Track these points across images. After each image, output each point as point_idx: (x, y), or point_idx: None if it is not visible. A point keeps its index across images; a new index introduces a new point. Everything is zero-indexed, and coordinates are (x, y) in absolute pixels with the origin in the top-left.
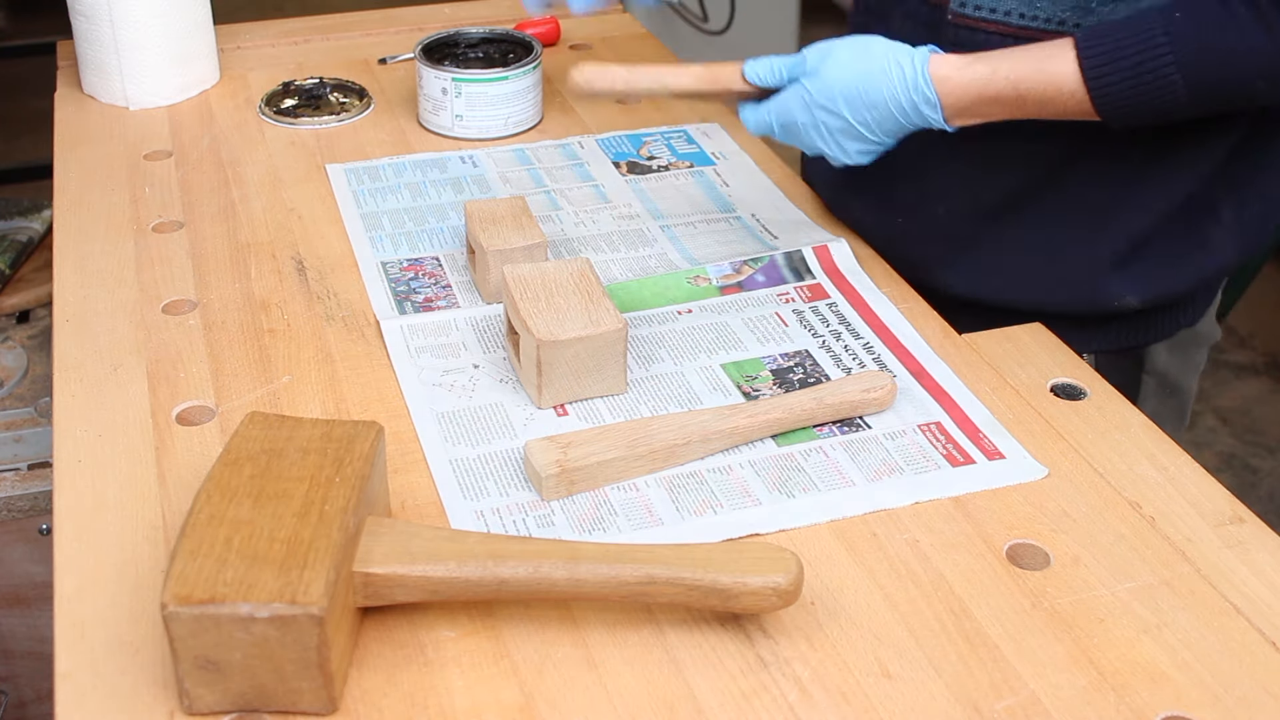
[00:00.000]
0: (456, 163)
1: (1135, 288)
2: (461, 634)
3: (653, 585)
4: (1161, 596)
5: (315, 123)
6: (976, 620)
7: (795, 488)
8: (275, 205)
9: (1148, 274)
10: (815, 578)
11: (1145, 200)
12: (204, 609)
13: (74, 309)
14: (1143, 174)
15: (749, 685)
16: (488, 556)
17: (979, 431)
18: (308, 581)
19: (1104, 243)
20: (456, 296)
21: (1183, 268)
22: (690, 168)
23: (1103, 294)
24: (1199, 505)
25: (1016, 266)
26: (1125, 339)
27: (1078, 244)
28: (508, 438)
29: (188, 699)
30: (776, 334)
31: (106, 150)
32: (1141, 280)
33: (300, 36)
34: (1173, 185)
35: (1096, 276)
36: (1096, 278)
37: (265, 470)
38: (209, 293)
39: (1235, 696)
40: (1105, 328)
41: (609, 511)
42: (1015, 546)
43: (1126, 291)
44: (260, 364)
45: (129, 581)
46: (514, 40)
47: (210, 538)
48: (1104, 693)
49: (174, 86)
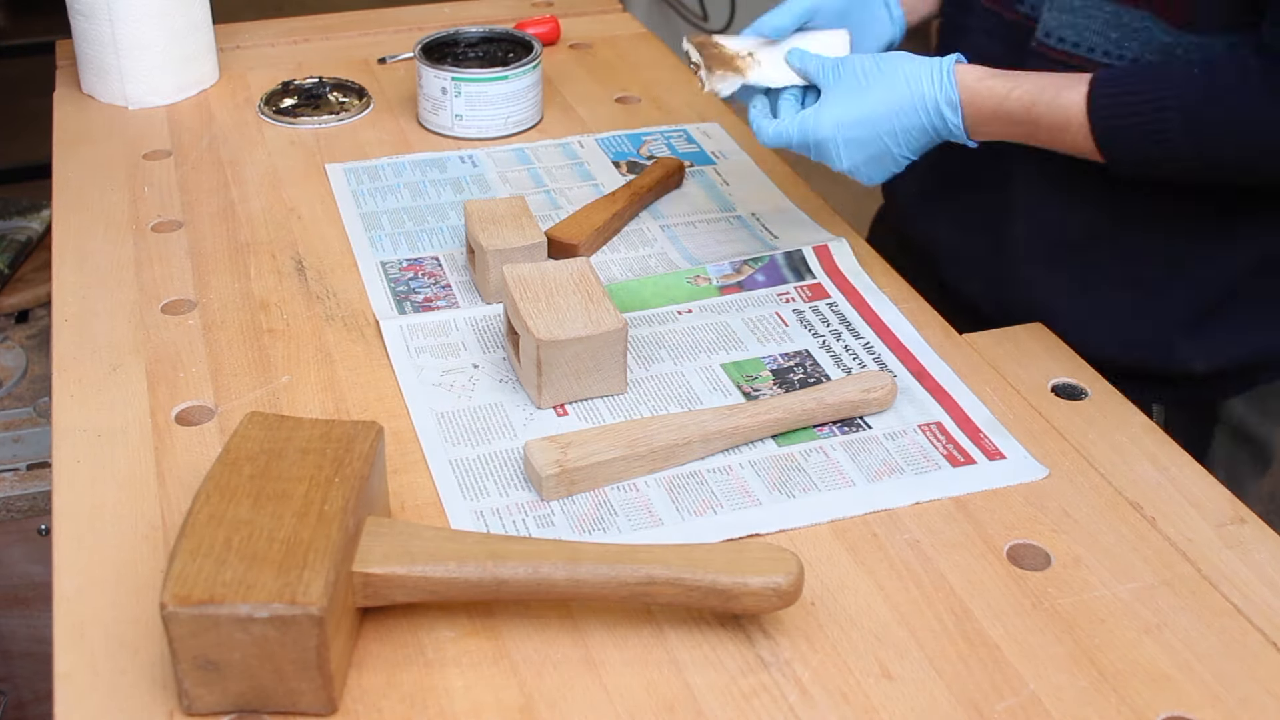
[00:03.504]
0: (456, 162)
1: (1203, 353)
2: (461, 634)
3: (653, 586)
4: (1162, 597)
5: (315, 122)
6: (977, 621)
7: (795, 488)
8: (275, 205)
9: (1216, 338)
10: (815, 578)
11: (1213, 259)
12: (203, 609)
13: (73, 309)
14: (1208, 232)
15: (749, 686)
16: (487, 557)
17: (980, 431)
18: (307, 582)
19: (1173, 302)
20: (456, 296)
21: (1254, 334)
22: (690, 167)
23: (1171, 355)
24: (1200, 505)
25: (1078, 310)
26: (1198, 393)
27: (1145, 297)
28: (507, 438)
29: (187, 699)
30: (777, 334)
31: (106, 150)
32: (1209, 345)
33: (300, 36)
34: (1241, 244)
35: (1166, 336)
36: (1166, 337)
37: (264, 470)
38: (208, 292)
39: (1237, 697)
40: (1178, 384)
41: (609, 512)
42: (1016, 547)
43: (1193, 356)
44: (259, 364)
45: (128, 582)
46: (514, 40)
47: (209, 538)
48: (1105, 693)
49: (173, 86)
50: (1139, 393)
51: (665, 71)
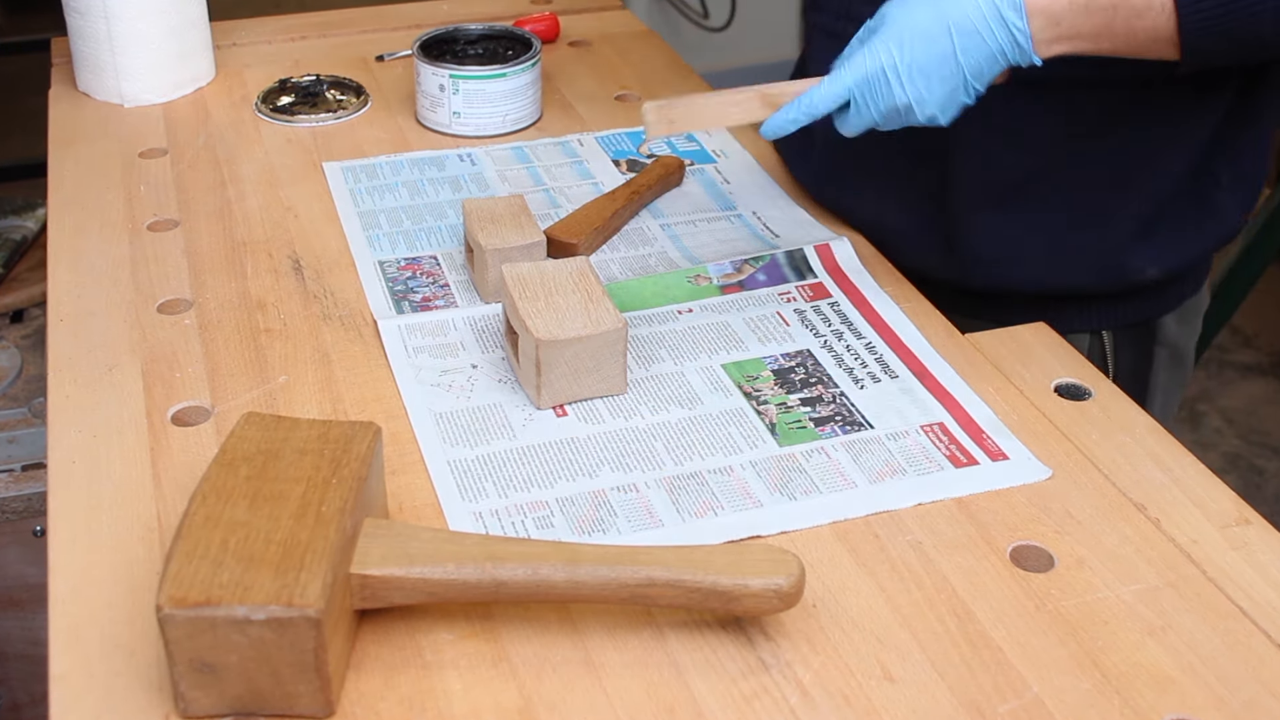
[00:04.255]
0: (455, 161)
1: (1156, 259)
2: (460, 637)
3: (653, 588)
4: (1166, 599)
5: (312, 120)
6: (980, 623)
7: (797, 489)
8: (272, 204)
9: (1165, 244)
10: (817, 580)
11: (1157, 172)
12: (200, 611)
13: (68, 308)
14: (1152, 146)
15: (750, 688)
16: (486, 559)
17: (982, 432)
18: (304, 584)
19: (1124, 217)
20: (455, 296)
21: (1196, 234)
22: (691, 165)
23: (1126, 268)
24: (1204, 507)
25: (1035, 248)
26: (1143, 312)
27: (1097, 220)
28: (506, 439)
29: (183, 702)
30: (778, 334)
31: (101, 148)
32: (1161, 251)
33: (297, 33)
34: (1178, 154)
35: (1119, 251)
36: (1119, 252)
37: (261, 471)
38: (205, 292)
39: (1241, 700)
40: (1124, 303)
41: (608, 513)
42: (1019, 548)
43: (1147, 264)
44: (256, 364)
45: (124, 584)
46: (513, 37)
47: (206, 539)
48: (1108, 696)
49: (169, 84)
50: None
51: (665, 69)
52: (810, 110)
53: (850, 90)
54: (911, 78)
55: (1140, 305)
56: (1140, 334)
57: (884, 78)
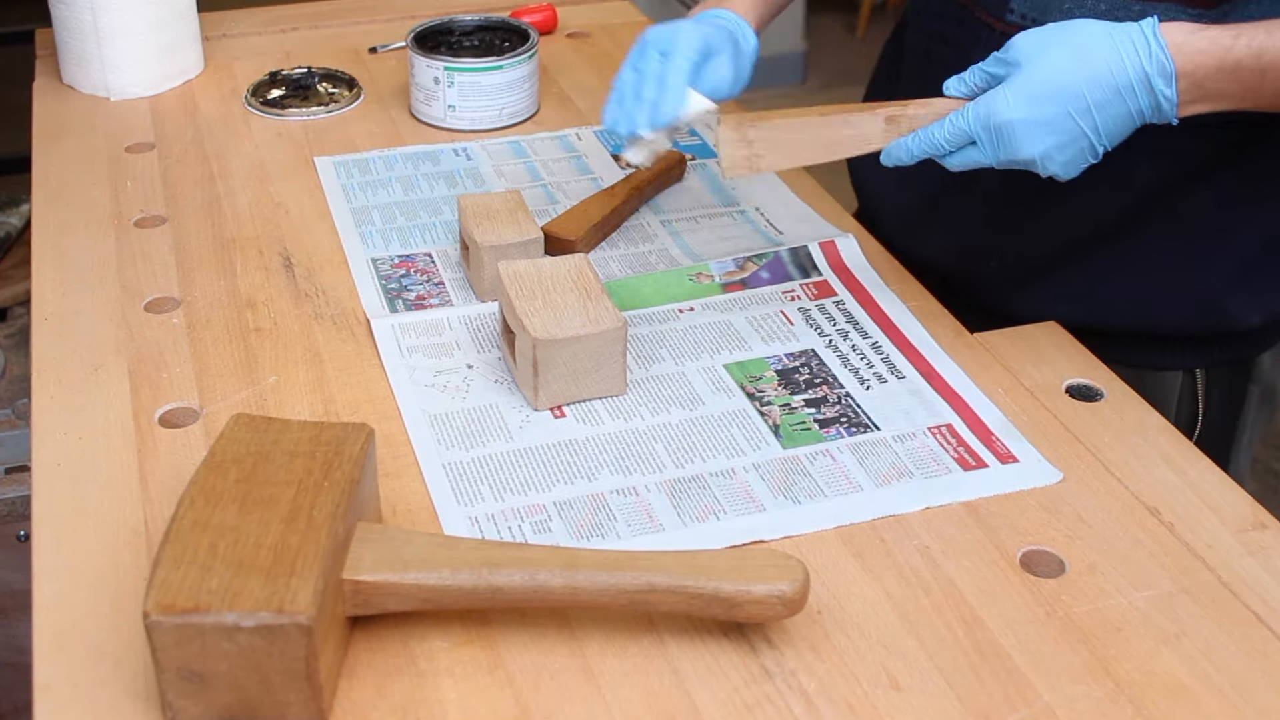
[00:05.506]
0: (449, 155)
1: (1258, 304)
2: (455, 644)
3: (653, 594)
4: (1181, 605)
5: (303, 114)
6: (989, 630)
7: (801, 493)
8: (262, 199)
9: (1269, 288)
10: (822, 586)
11: (1262, 215)
12: (188, 618)
13: (53, 307)
14: (1260, 190)
15: (752, 697)
16: (482, 564)
17: (991, 434)
18: (295, 590)
19: (1224, 263)
20: (450, 294)
21: None
22: (692, 160)
23: (1227, 312)
24: (1219, 510)
25: (1131, 290)
26: (1239, 351)
27: (1196, 266)
28: (503, 440)
29: (171, 711)
30: (782, 333)
31: (87, 142)
32: (1264, 295)
33: (288, 24)
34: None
35: (1220, 295)
36: (1220, 296)
37: (251, 474)
38: (193, 290)
39: (1257, 708)
40: (1221, 344)
41: (608, 517)
42: (1029, 553)
43: (1250, 310)
44: (246, 364)
45: (110, 590)
46: (509, 28)
47: (194, 544)
48: (1121, 705)
49: (157, 76)
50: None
51: None
52: (933, 147)
53: (976, 134)
54: (1042, 136)
55: (1237, 345)
56: (1234, 372)
57: (1013, 131)
